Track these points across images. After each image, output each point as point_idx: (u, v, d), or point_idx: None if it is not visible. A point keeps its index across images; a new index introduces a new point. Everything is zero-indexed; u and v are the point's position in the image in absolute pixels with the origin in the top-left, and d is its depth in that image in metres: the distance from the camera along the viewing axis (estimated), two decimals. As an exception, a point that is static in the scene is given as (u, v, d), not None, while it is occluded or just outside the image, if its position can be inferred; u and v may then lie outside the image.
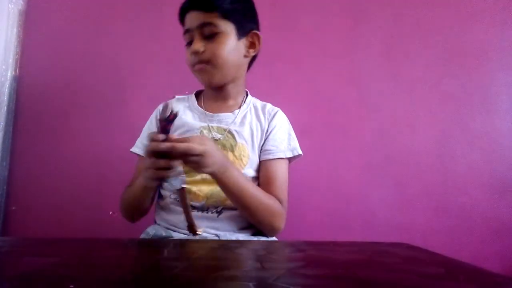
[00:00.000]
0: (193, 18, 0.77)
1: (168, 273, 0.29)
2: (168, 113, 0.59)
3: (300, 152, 0.86)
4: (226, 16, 0.77)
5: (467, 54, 1.37)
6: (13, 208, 1.27)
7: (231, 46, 0.78)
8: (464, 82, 1.36)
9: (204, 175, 0.77)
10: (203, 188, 0.77)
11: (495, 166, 1.32)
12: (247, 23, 0.82)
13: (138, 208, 0.82)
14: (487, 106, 1.35)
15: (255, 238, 0.78)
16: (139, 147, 0.88)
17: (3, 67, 1.27)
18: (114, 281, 0.26)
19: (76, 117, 1.32)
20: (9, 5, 1.30)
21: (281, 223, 0.77)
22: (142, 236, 0.82)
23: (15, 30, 1.31)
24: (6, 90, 1.28)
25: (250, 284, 0.24)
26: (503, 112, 1.35)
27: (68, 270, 0.29)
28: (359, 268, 0.31)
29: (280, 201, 0.79)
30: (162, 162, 0.59)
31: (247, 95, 0.92)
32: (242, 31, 0.80)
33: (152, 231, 0.80)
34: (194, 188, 0.77)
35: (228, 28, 0.77)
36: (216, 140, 0.80)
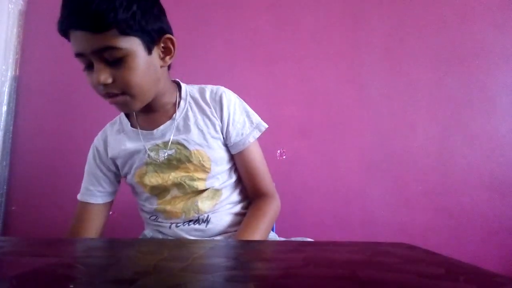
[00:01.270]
0: (83, 41, 0.60)
1: (168, 273, 0.29)
2: None
3: (266, 125, 0.78)
4: (126, 31, 0.60)
5: (467, 54, 1.38)
6: (13, 208, 1.27)
7: (143, 66, 0.63)
8: (464, 82, 1.36)
9: (174, 193, 0.74)
10: (177, 205, 0.74)
11: (495, 166, 1.32)
12: (153, 30, 0.65)
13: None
14: (487, 106, 1.35)
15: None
16: (83, 193, 0.79)
17: (3, 67, 1.27)
18: (114, 281, 0.26)
19: (75, 117, 1.32)
20: (9, 5, 1.30)
21: (279, 210, 0.78)
22: (140, 238, 0.82)
23: (15, 30, 1.31)
24: (6, 90, 1.28)
25: (250, 284, 0.24)
26: (503, 112, 1.35)
27: (68, 270, 0.29)
28: (359, 268, 0.31)
29: (268, 190, 0.78)
30: None
31: (180, 89, 0.78)
32: (150, 42, 0.64)
33: (149, 233, 0.80)
34: (168, 207, 0.74)
35: (133, 45, 0.61)
36: (168, 155, 0.73)
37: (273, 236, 0.84)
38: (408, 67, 1.38)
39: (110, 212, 1.24)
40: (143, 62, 0.64)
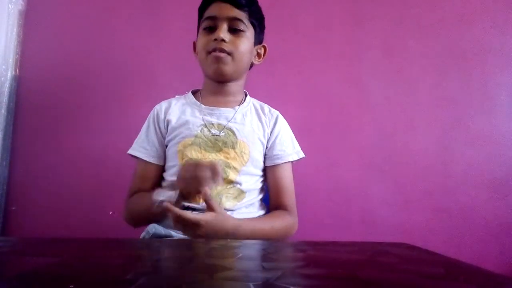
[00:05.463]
0: (224, 9, 0.80)
1: (168, 273, 0.29)
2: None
3: (303, 155, 0.89)
4: (251, 18, 0.83)
5: (467, 54, 1.37)
6: (13, 208, 1.27)
7: (249, 47, 0.84)
8: (464, 82, 1.36)
9: None
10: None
11: (495, 166, 1.32)
12: (261, 34, 0.89)
13: (146, 223, 0.82)
14: (487, 106, 1.35)
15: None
16: (138, 150, 0.85)
17: (3, 67, 1.27)
18: (114, 281, 0.26)
19: (76, 117, 1.32)
20: (9, 5, 1.30)
21: (295, 230, 0.83)
22: (143, 234, 0.82)
23: (15, 30, 1.31)
24: (6, 90, 1.27)
25: (250, 284, 0.24)
26: (503, 112, 1.35)
27: (68, 270, 0.29)
28: (359, 268, 0.31)
29: (291, 208, 0.83)
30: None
31: (246, 95, 0.93)
32: (257, 39, 0.87)
33: (152, 229, 0.80)
34: None
35: (250, 30, 0.83)
36: (217, 136, 0.81)
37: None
38: (408, 67, 1.38)
39: (110, 212, 1.25)
40: (250, 45, 0.84)
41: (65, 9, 1.37)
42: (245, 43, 0.82)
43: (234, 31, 0.81)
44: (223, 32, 0.78)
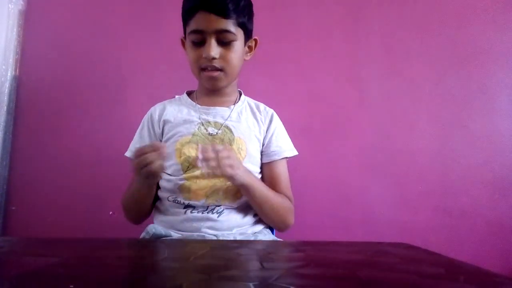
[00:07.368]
0: (209, 21, 0.75)
1: (168, 273, 0.29)
2: None
3: (297, 152, 0.91)
4: (239, 23, 0.78)
5: (467, 54, 1.37)
6: (13, 208, 1.27)
7: (240, 53, 0.81)
8: (464, 82, 1.36)
9: (204, 170, 0.78)
10: (202, 185, 0.77)
11: (495, 166, 1.32)
12: (251, 29, 0.85)
13: (141, 209, 0.83)
14: (487, 106, 1.35)
15: (252, 238, 0.78)
16: (130, 151, 0.86)
17: (3, 67, 1.27)
18: (114, 281, 0.26)
19: (76, 117, 1.32)
20: (9, 5, 1.30)
21: (292, 218, 0.84)
22: (143, 234, 0.82)
23: (15, 30, 1.31)
24: (6, 90, 1.28)
25: (250, 284, 0.24)
26: (503, 112, 1.35)
27: (68, 270, 0.29)
28: (359, 268, 0.31)
29: (289, 199, 0.84)
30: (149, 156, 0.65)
31: (240, 94, 0.93)
32: (247, 37, 0.84)
33: (152, 230, 0.80)
34: (194, 186, 0.77)
35: (239, 35, 0.79)
36: (214, 134, 0.82)
37: (272, 238, 0.85)
38: (408, 67, 1.38)
39: (110, 212, 1.25)
40: (241, 50, 0.81)
41: (65, 9, 1.37)
42: (236, 52, 0.80)
43: (224, 43, 0.77)
44: (213, 50, 0.76)
